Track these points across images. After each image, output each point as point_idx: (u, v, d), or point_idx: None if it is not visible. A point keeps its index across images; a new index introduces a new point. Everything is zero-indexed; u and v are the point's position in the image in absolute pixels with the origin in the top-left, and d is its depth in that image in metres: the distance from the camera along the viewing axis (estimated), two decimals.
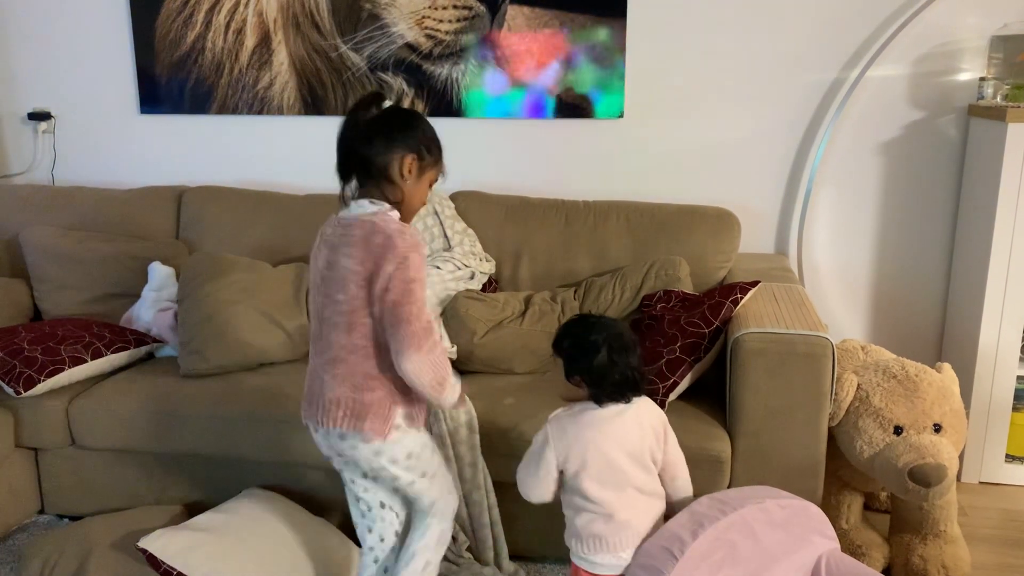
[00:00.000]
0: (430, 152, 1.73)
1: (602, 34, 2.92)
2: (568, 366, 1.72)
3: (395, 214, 1.71)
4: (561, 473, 1.74)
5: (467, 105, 3.05)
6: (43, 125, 3.34)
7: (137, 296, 2.85)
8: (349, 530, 2.32)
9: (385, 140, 1.69)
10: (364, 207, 1.70)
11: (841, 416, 2.24)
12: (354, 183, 1.74)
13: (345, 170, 1.73)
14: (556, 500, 1.81)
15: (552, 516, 2.22)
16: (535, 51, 2.96)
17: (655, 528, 1.73)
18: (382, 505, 1.90)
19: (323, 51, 3.08)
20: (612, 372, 1.69)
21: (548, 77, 2.98)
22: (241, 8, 3.08)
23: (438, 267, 2.68)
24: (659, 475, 1.78)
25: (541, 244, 2.83)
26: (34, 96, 3.35)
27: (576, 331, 1.73)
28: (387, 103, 1.74)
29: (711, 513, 1.69)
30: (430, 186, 1.77)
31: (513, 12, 2.93)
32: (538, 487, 1.76)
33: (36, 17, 3.27)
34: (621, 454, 1.70)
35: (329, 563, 2.17)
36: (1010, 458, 2.75)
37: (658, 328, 2.41)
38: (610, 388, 1.70)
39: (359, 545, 2.06)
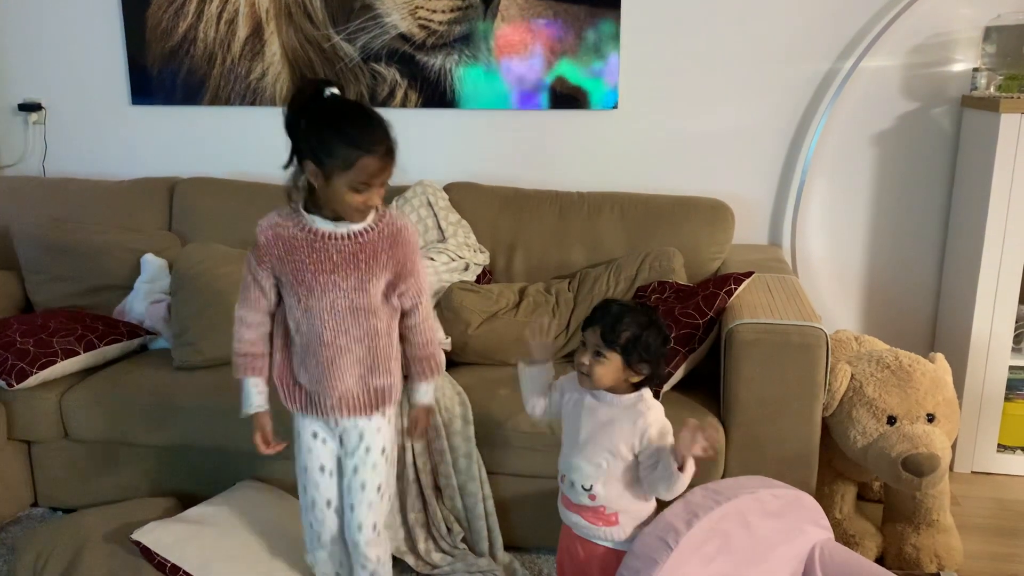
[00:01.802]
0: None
1: (596, 24, 2.91)
2: (629, 356, 1.65)
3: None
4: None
5: (461, 96, 3.04)
6: (34, 116, 3.32)
7: (130, 288, 2.84)
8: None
9: None
10: None
11: (835, 406, 2.25)
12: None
13: None
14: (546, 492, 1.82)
15: (546, 507, 2.23)
16: (529, 41, 2.95)
17: None
18: None
19: (316, 42, 3.06)
20: (665, 356, 1.71)
21: (542, 67, 2.97)
22: None
23: (432, 258, 2.68)
24: None
25: (535, 235, 2.82)
26: (24, 87, 3.33)
27: (633, 319, 1.66)
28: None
29: (705, 503, 1.69)
30: (358, 191, 1.64)
31: (507, 2, 2.92)
32: None
33: (26, 7, 3.24)
34: None
35: None
36: (1002, 448, 2.76)
37: None
38: (664, 372, 1.71)
39: None
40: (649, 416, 1.69)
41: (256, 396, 1.84)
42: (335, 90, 1.67)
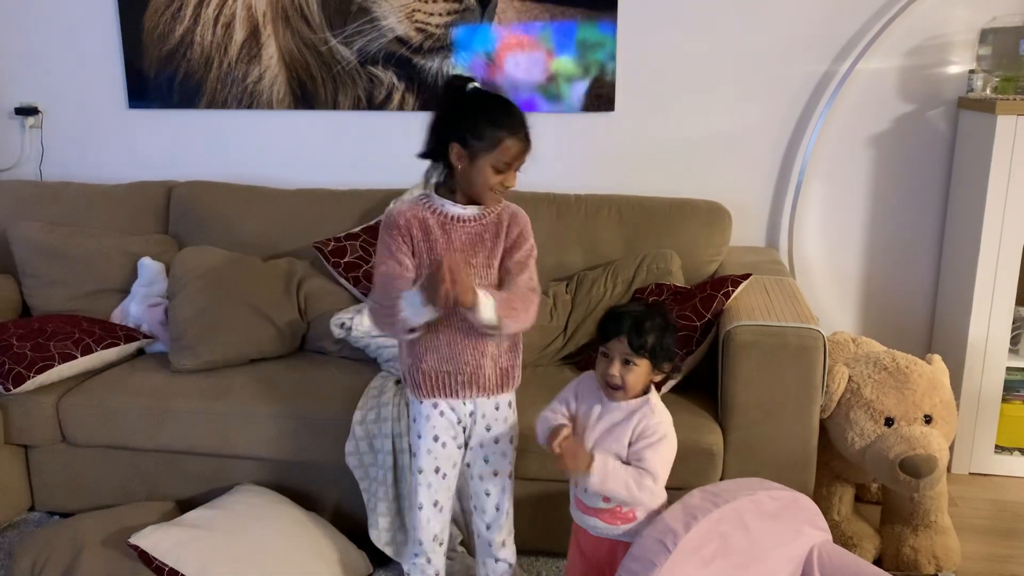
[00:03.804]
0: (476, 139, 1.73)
1: (593, 27, 2.91)
2: (656, 356, 1.70)
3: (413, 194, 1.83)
4: None
5: None
6: (30, 120, 3.32)
7: (127, 292, 2.83)
8: (341, 525, 2.32)
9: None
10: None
11: (832, 408, 2.25)
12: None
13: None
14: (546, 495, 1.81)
15: (546, 510, 2.23)
16: (525, 44, 2.95)
17: None
18: None
19: (313, 45, 3.06)
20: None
21: (538, 70, 2.98)
22: (230, 2, 3.06)
23: None
24: None
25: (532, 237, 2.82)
26: (21, 91, 3.32)
27: (653, 323, 1.70)
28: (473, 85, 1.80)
29: (704, 505, 1.69)
30: (499, 171, 1.77)
31: (503, 5, 2.93)
32: None
33: (23, 11, 3.24)
34: None
35: (320, 558, 2.17)
36: (999, 449, 2.77)
37: None
38: (679, 362, 1.78)
39: (351, 540, 2.06)
40: (651, 420, 1.71)
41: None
42: (477, 84, 1.81)
